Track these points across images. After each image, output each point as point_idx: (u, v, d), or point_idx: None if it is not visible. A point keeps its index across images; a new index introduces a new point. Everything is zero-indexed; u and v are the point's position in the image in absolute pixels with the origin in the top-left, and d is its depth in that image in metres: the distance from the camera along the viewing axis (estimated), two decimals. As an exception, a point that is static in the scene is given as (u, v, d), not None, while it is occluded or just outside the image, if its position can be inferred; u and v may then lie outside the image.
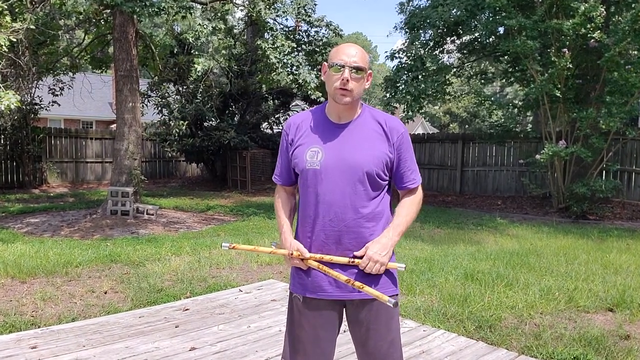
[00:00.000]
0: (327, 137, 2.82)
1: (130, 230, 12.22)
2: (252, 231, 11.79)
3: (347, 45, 2.80)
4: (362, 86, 2.78)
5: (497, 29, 16.15)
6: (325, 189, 2.76)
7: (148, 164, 25.80)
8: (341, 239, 2.76)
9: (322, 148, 2.78)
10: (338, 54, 2.76)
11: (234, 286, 6.99)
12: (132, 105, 14.10)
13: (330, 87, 2.77)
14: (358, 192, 2.75)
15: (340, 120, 2.84)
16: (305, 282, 2.86)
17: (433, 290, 6.74)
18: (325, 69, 2.84)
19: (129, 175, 14.02)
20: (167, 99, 20.77)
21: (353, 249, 2.76)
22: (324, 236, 2.78)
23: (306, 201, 2.84)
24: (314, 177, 2.78)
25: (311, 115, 2.95)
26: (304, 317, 2.88)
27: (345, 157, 2.74)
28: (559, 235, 11.51)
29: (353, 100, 2.75)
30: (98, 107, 37.26)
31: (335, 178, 2.74)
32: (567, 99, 14.33)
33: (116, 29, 14.06)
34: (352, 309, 2.83)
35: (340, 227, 2.75)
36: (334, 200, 2.74)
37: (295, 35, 18.22)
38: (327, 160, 2.75)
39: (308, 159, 2.79)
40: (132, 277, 7.33)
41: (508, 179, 19.10)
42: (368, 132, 2.81)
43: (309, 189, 2.81)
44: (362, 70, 2.73)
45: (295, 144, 2.89)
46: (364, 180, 2.75)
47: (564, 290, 6.67)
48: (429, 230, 12.37)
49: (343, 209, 2.75)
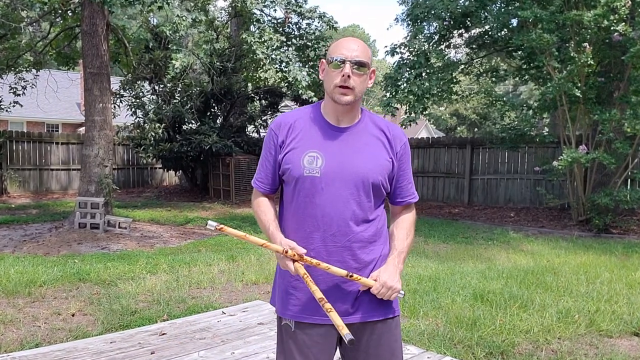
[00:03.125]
0: (327, 141, 2.79)
1: (100, 246, 12.19)
2: (236, 246, 11.78)
3: (347, 39, 2.80)
4: (364, 84, 2.77)
5: (510, 21, 16.19)
6: (327, 199, 2.73)
7: (120, 171, 25.74)
8: (344, 256, 2.75)
9: (322, 153, 2.76)
10: (338, 48, 2.75)
11: (216, 308, 6.99)
12: (102, 106, 14.07)
13: (329, 85, 2.76)
14: (362, 204, 2.76)
15: (340, 123, 2.83)
16: (298, 303, 2.83)
17: (438, 312, 6.76)
18: (323, 67, 2.84)
19: (99, 185, 13.98)
20: (142, 99, 20.72)
21: (357, 267, 2.76)
22: (326, 253, 2.75)
23: (300, 213, 2.80)
24: (312, 186, 2.74)
25: (305, 115, 2.91)
26: (297, 346, 2.82)
27: (349, 164, 2.73)
28: (578, 251, 11.54)
29: (354, 100, 2.75)
30: (65, 108, 37.25)
31: (338, 188, 2.73)
32: (588, 99, 14.34)
33: (85, 20, 14.04)
34: (352, 333, 2.76)
35: (343, 242, 2.74)
36: (337, 212, 2.73)
37: (285, 28, 18.32)
38: (328, 167, 2.73)
39: (306, 165, 2.75)
40: (103, 298, 7.32)
41: (522, 188, 19.15)
42: (371, 139, 2.81)
43: (306, 199, 2.77)
44: (364, 66, 2.72)
45: (287, 147, 2.83)
46: (369, 191, 2.75)
47: (585, 313, 6.69)
48: (433, 246, 12.39)
49: (347, 222, 2.73)
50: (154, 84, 20.74)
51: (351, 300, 2.78)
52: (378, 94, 50.96)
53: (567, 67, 13.79)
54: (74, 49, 20.05)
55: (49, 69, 21.69)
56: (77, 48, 19.48)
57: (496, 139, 18.70)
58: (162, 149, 20.52)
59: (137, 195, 24.03)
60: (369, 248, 2.79)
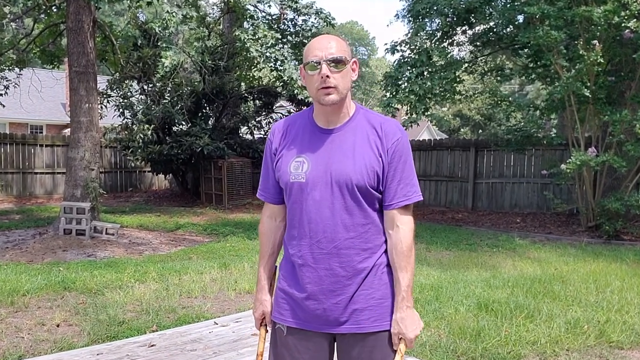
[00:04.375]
0: (313, 144, 2.81)
1: (86, 253, 12.19)
2: (229, 254, 11.79)
3: (319, 37, 2.79)
4: (347, 79, 2.76)
5: (516, 17, 16.20)
6: (312, 205, 2.75)
7: (107, 175, 25.73)
8: (331, 264, 2.75)
9: (308, 158, 2.78)
10: (311, 50, 2.75)
11: (208, 318, 6.99)
12: (89, 107, 14.07)
13: (311, 89, 2.76)
14: (350, 208, 2.75)
15: (329, 124, 2.83)
16: (290, 308, 2.87)
17: (441, 322, 6.76)
18: (303, 73, 2.83)
19: (85, 189, 13.98)
20: (130, 99, 20.74)
21: (346, 274, 2.75)
22: (313, 260, 2.77)
23: (292, 220, 2.86)
24: (300, 192, 2.78)
25: (297, 120, 2.95)
26: (288, 351, 2.87)
27: (333, 167, 2.73)
28: (588, 259, 11.55)
29: (340, 97, 2.73)
30: (49, 109, 37.21)
31: (322, 192, 2.73)
32: (598, 99, 14.34)
33: (70, 17, 14.05)
34: (344, 343, 2.83)
35: (329, 249, 2.75)
36: (323, 218, 2.74)
37: (280, 25, 18.33)
38: (314, 171, 2.75)
39: (292, 171, 2.78)
40: (89, 308, 7.32)
41: (528, 192, 19.18)
42: (360, 138, 2.79)
43: (295, 205, 2.82)
44: (341, 62, 2.71)
45: (279, 154, 2.88)
46: (355, 194, 2.73)
47: (594, 323, 6.70)
48: (435, 253, 12.40)
49: (333, 228, 2.74)
50: (142, 83, 20.72)
51: (342, 308, 2.77)
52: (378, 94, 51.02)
53: (576, 65, 13.79)
54: (59, 46, 20.02)
55: (33, 68, 21.71)
56: (62, 46, 19.47)
57: (501, 141, 18.72)
58: (151, 151, 20.51)
59: (125, 200, 24.00)
60: (361, 255, 2.77)
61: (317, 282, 2.76)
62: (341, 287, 2.76)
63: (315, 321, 2.79)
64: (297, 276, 2.83)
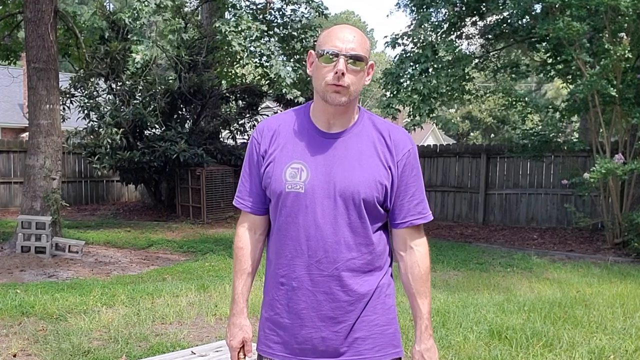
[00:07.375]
0: (313, 150, 2.75)
1: (47, 273, 12.17)
2: (208, 274, 11.79)
3: (341, 27, 2.73)
4: (361, 82, 2.72)
5: (533, 6, 16.22)
6: (311, 220, 2.70)
7: (71, 185, 25.69)
8: (332, 287, 2.72)
9: (307, 165, 2.72)
10: (330, 38, 2.69)
11: (184, 347, 6.98)
12: (49, 108, 14.05)
13: (319, 82, 2.70)
14: (354, 225, 2.71)
15: (331, 128, 2.79)
16: (281, 341, 2.83)
17: (448, 352, 6.77)
18: (311, 59, 2.79)
19: (46, 201, 13.95)
20: (97, 99, 20.70)
21: (348, 300, 2.73)
22: (311, 283, 2.73)
23: (283, 235, 2.78)
24: (296, 204, 2.72)
25: (291, 118, 2.89)
26: None
27: (337, 178, 2.69)
28: (614, 280, 11.58)
29: (349, 100, 2.70)
30: (4, 110, 37.17)
31: (324, 206, 2.69)
32: (625, 100, 14.37)
33: (29, 6, 14.04)
34: None
35: (330, 270, 2.70)
36: (324, 235, 2.70)
37: (266, 16, 18.35)
38: (314, 181, 2.70)
39: (288, 179, 2.73)
40: (50, 335, 7.30)
41: (547, 205, 19.22)
42: (366, 146, 2.76)
43: (288, 218, 2.75)
44: (361, 60, 2.67)
45: (269, 157, 2.81)
46: (361, 209, 2.70)
47: (621, 353, 6.72)
48: (442, 273, 12.42)
49: (336, 247, 2.70)
50: (110, 81, 20.69)
51: (343, 337, 2.76)
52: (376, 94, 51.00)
53: (601, 61, 13.75)
54: (16, 40, 20.02)
55: (-14, 64, 21.69)
56: (20, 39, 19.47)
57: (516, 147, 18.67)
58: (120, 158, 20.42)
59: (90, 214, 23.99)
60: (363, 278, 2.76)
61: (315, 307, 2.73)
62: (342, 313, 2.74)
63: (312, 353, 2.76)
64: (289, 301, 2.78)
